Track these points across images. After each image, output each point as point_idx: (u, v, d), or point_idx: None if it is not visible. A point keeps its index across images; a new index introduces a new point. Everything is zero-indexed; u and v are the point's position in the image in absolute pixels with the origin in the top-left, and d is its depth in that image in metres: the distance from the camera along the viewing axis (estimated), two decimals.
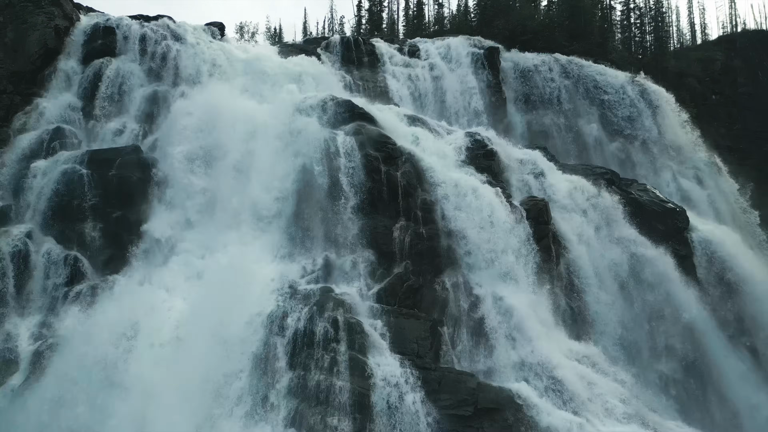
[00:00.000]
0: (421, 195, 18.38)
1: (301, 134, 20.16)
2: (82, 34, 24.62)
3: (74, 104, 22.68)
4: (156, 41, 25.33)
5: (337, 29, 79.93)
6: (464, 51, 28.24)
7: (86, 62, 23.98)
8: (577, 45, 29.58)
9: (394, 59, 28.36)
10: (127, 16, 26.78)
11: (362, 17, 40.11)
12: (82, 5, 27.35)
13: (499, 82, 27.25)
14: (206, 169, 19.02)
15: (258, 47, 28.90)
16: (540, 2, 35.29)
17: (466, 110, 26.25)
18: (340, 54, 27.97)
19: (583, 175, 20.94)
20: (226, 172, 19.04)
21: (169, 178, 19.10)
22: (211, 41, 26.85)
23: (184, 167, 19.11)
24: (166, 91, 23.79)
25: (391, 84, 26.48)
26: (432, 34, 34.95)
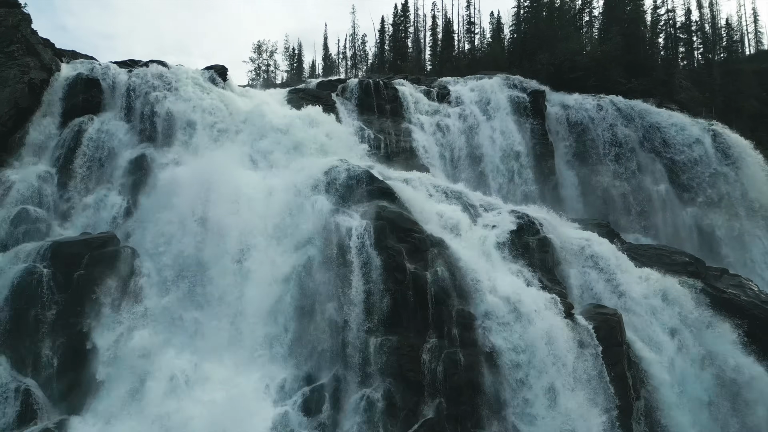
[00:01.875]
0: (458, 305, 14.94)
1: (307, 217, 17.10)
2: (62, 87, 22.10)
3: (48, 174, 20.12)
4: (146, 92, 22.63)
5: (358, 48, 77.35)
6: (503, 95, 24.75)
7: (65, 121, 21.44)
8: (636, 82, 25.71)
9: (421, 105, 25.04)
10: (116, 63, 24.18)
11: (385, 43, 36.81)
12: (65, 51, 24.81)
13: (545, 131, 23.66)
14: (194, 275, 15.91)
15: (263, 94, 25.86)
16: (588, 30, 31.28)
17: (507, 168, 22.76)
18: (358, 100, 24.84)
19: (658, 264, 17.21)
20: (218, 276, 15.96)
21: (149, 281, 16.03)
22: (210, 90, 23.86)
23: (168, 270, 16.05)
24: (156, 154, 20.97)
25: (417, 137, 23.15)
26: (463, 67, 31.43)
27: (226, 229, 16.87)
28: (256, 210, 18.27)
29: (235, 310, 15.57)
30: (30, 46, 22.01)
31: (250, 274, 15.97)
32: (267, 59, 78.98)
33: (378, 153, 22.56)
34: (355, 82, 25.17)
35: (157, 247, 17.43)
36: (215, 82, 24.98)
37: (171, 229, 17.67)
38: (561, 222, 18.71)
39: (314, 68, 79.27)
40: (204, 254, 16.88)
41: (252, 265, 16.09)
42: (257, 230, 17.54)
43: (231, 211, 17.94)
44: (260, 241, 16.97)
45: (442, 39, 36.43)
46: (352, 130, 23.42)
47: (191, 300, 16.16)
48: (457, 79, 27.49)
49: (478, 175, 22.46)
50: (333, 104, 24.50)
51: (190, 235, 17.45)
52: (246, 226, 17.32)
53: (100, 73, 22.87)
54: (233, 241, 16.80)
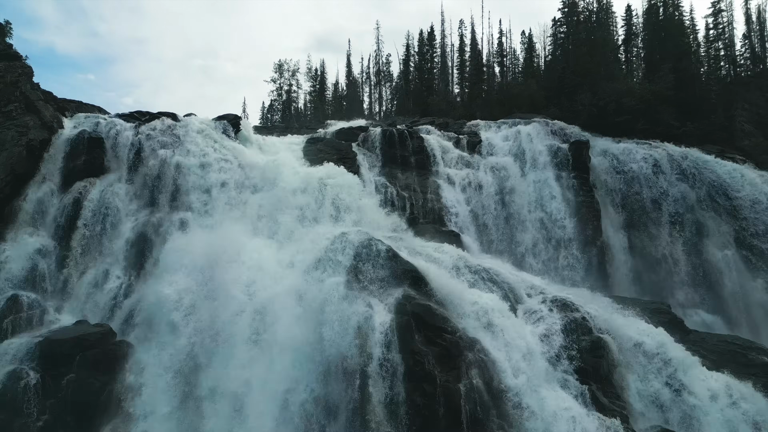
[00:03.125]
0: (497, 428, 12.80)
1: (320, 303, 15.26)
2: (63, 148, 20.87)
3: (46, 248, 18.87)
4: (152, 150, 21.15)
5: (383, 65, 75.56)
6: (541, 145, 22.56)
7: (66, 186, 20.23)
8: (691, 126, 23.14)
9: (449, 156, 23.05)
10: (124, 115, 22.88)
11: (409, 74, 34.92)
12: (69, 102, 23.62)
13: (589, 188, 21.39)
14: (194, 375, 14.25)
15: (279, 142, 24.21)
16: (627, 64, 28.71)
17: (546, 231, 20.48)
18: (381, 151, 23.00)
19: (732, 363, 14.82)
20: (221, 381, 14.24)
21: (146, 386, 14.42)
22: (222, 144, 22.31)
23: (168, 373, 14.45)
24: (160, 221, 19.49)
25: (446, 196, 21.17)
26: (495, 102, 29.24)
27: (232, 326, 15.11)
28: (267, 292, 16.54)
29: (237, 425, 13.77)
30: (30, 104, 20.87)
31: (253, 383, 14.13)
32: (289, 79, 78.23)
33: (403, 214, 20.65)
34: (378, 133, 23.29)
35: (158, 337, 15.83)
36: (228, 133, 23.48)
37: (173, 317, 16.04)
38: (613, 308, 16.41)
39: (337, 88, 78.07)
40: (207, 351, 15.20)
41: (258, 371, 14.25)
42: (267, 320, 15.76)
43: (239, 297, 16.26)
44: (269, 338, 15.16)
45: (471, 73, 34.27)
46: (374, 189, 21.55)
47: (194, 408, 14.44)
48: (489, 123, 25.38)
49: (515, 240, 20.26)
50: (353, 157, 22.70)
51: (192, 326, 15.85)
52: (254, 318, 15.56)
53: (104, 130, 21.58)
54: (240, 338, 15.03)
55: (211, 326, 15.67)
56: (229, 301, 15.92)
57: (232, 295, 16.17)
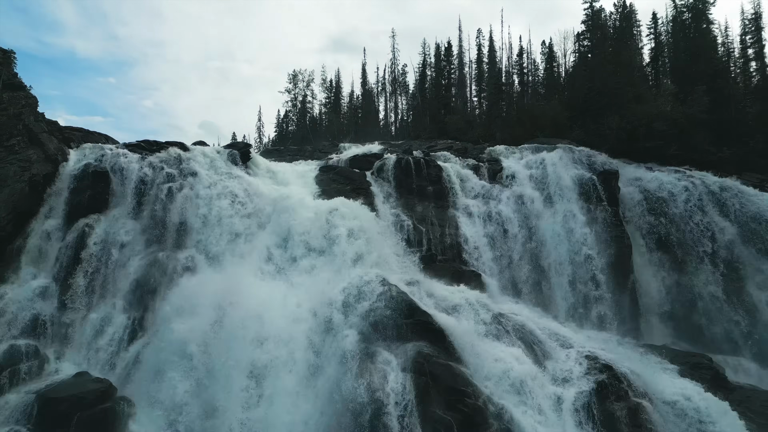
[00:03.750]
0: None
1: (330, 356, 14.33)
2: (68, 182, 20.23)
3: (48, 290, 18.21)
4: (158, 184, 20.37)
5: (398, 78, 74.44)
6: (566, 174, 21.30)
7: (70, 222, 19.55)
8: (728, 152, 21.64)
9: (469, 186, 21.91)
10: (129, 147, 22.11)
11: (426, 90, 33.80)
12: (75, 131, 22.98)
13: (619, 221, 20.11)
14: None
15: (290, 171, 23.31)
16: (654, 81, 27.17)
17: (573, 268, 19.30)
18: (396, 180, 21.97)
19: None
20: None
21: None
22: (231, 175, 21.49)
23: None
24: (167, 260, 18.77)
25: (465, 230, 20.05)
26: (515, 122, 27.96)
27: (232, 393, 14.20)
28: (277, 339, 15.65)
29: None
30: (33, 136, 20.24)
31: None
32: (303, 89, 77.63)
33: (420, 250, 19.59)
34: (393, 161, 22.24)
35: (159, 392, 14.97)
36: (237, 163, 22.66)
37: (176, 373, 15.20)
38: (648, 361, 15.16)
39: (352, 97, 77.23)
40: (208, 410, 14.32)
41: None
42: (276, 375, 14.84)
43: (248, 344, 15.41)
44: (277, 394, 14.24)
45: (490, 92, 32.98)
46: (390, 222, 20.51)
47: None
48: (511, 149, 24.16)
49: (540, 280, 19.07)
50: (367, 188, 21.70)
51: (198, 376, 15.01)
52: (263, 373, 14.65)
53: (110, 162, 20.84)
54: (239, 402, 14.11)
55: (212, 385, 14.84)
56: (232, 363, 15.04)
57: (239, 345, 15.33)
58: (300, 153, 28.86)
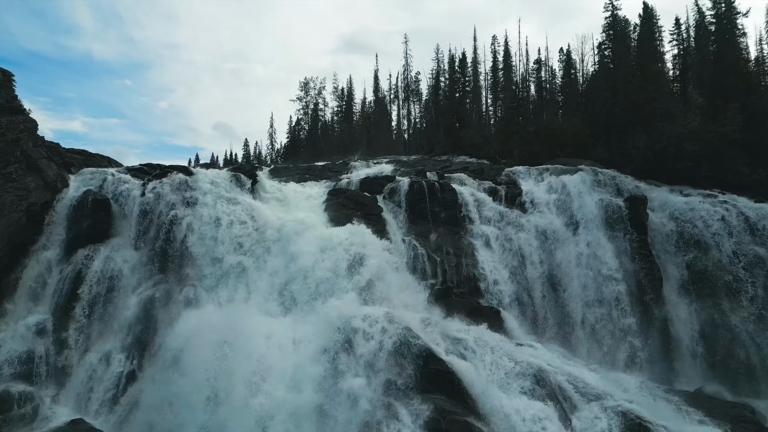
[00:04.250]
0: None
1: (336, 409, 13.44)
2: (66, 210, 19.50)
3: (45, 327, 17.53)
4: (160, 212, 19.51)
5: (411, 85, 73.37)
6: (590, 199, 20.08)
7: (69, 253, 18.84)
8: (763, 173, 20.21)
9: (486, 210, 20.80)
10: (132, 170, 21.37)
11: (439, 101, 32.67)
12: (76, 153, 22.28)
13: (649, 251, 18.93)
14: None
15: (298, 194, 22.38)
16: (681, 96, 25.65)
17: (600, 302, 18.05)
18: (408, 205, 20.92)
19: None
20: None
21: None
22: (236, 201, 20.61)
23: None
24: (170, 294, 17.98)
25: (482, 260, 18.93)
26: (534, 139, 26.68)
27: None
28: (280, 381, 14.73)
29: None
30: (31, 163, 19.55)
31: None
32: (315, 97, 76.91)
33: (434, 282, 18.50)
34: (405, 185, 21.16)
35: None
36: (243, 186, 21.79)
37: (177, 418, 14.35)
38: (684, 413, 13.91)
39: (364, 104, 76.35)
40: None
41: None
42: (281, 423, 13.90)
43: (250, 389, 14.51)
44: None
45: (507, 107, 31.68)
46: (402, 250, 19.49)
47: None
48: (530, 170, 22.95)
49: (563, 315, 17.87)
50: (379, 213, 20.66)
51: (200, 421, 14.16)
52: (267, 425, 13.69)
53: (110, 189, 20.15)
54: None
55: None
56: (235, 408, 14.12)
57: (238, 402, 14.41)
58: (310, 172, 27.91)
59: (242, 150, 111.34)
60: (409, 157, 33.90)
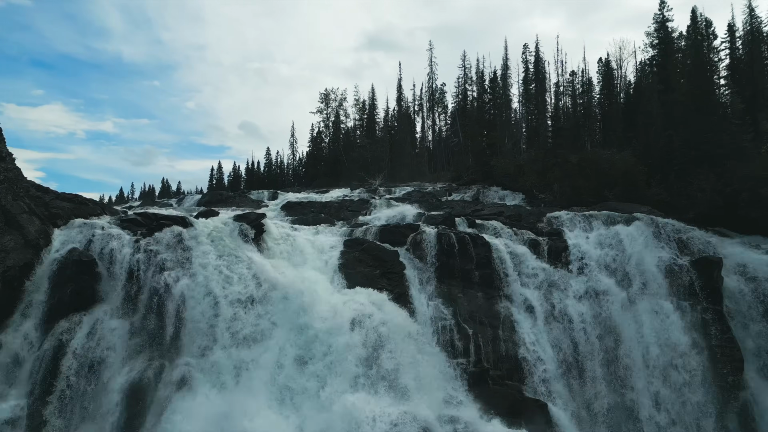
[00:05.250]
0: None
1: None
2: (48, 273, 17.34)
3: (18, 416, 15.28)
4: (153, 272, 17.40)
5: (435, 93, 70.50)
6: (651, 257, 17.17)
7: (49, 323, 16.77)
8: None
9: (525, 267, 18.03)
10: (126, 222, 19.19)
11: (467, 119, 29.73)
12: (69, 198, 20.19)
13: (726, 325, 15.79)
14: None
15: (309, 247, 19.87)
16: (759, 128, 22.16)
17: (668, 387, 15.04)
18: (436, 260, 18.16)
19: None
20: None
21: None
22: (239, 257, 18.23)
23: None
24: (159, 374, 15.71)
25: (523, 334, 16.21)
26: (575, 173, 23.56)
27: None
28: None
29: None
30: (11, 219, 17.50)
31: None
32: (335, 108, 74.58)
33: (466, 363, 15.75)
34: (431, 238, 18.46)
35: None
36: (247, 238, 19.36)
37: None
38: None
39: (387, 115, 73.75)
40: None
41: None
42: None
43: None
44: None
45: (544, 135, 28.48)
46: (427, 318, 16.82)
47: None
48: (575, 216, 19.96)
49: (623, 404, 14.92)
50: (400, 272, 18.05)
51: None
52: None
53: (98, 246, 17.95)
54: None
55: None
56: None
57: None
58: (326, 209, 25.43)
59: (264, 158, 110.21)
60: (435, 185, 31.23)
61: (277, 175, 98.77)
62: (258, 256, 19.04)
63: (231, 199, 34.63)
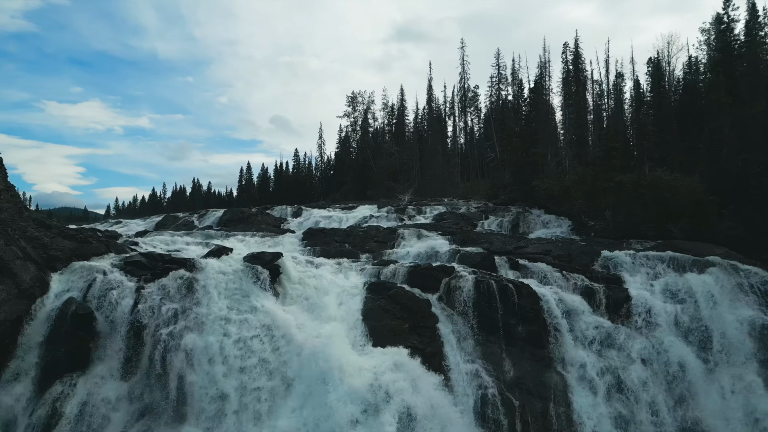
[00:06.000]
0: None
1: None
2: (42, 328, 15.56)
3: None
4: (155, 326, 15.56)
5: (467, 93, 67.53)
6: (732, 316, 14.48)
7: (43, 384, 15.19)
8: None
9: (581, 327, 15.54)
10: (130, 265, 17.47)
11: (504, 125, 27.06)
12: (70, 236, 18.55)
13: None
14: None
15: (330, 288, 17.83)
16: None
17: None
18: (475, 311, 15.77)
19: None
20: None
21: None
22: (252, 306, 16.34)
23: None
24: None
25: (578, 407, 13.73)
26: (630, 196, 20.70)
27: None
28: None
29: None
30: (3, 266, 16.05)
31: None
32: (362, 112, 72.38)
33: None
34: (468, 286, 16.10)
35: None
36: (262, 282, 17.38)
37: None
38: None
39: (417, 117, 71.20)
40: None
41: None
42: None
43: None
44: None
45: (595, 155, 25.38)
46: (465, 386, 14.46)
47: None
48: (636, 256, 17.23)
49: None
50: (433, 325, 15.78)
51: None
52: None
53: (98, 294, 16.23)
54: None
55: None
56: None
57: None
58: (349, 238, 23.26)
59: (293, 159, 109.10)
60: (469, 203, 28.69)
61: (304, 177, 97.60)
62: (273, 303, 17.05)
63: (252, 217, 32.89)
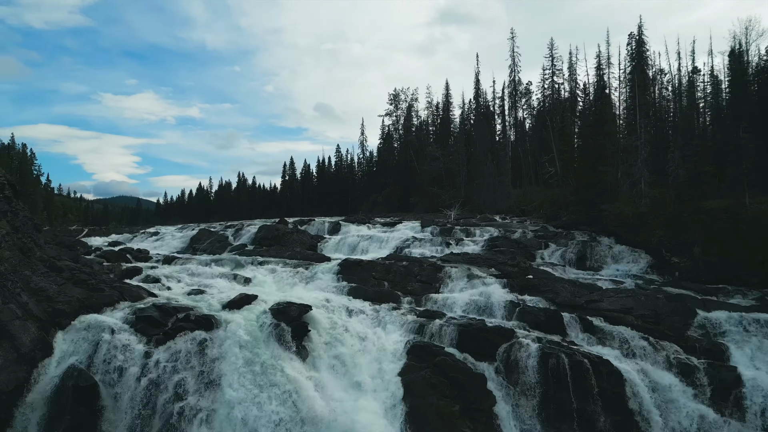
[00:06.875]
0: None
1: None
2: (42, 400, 13.81)
3: None
4: (166, 401, 13.56)
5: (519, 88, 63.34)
6: None
7: None
8: None
9: (677, 412, 12.38)
10: (140, 320, 15.45)
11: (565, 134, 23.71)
12: (81, 281, 16.78)
13: None
14: None
15: (367, 346, 15.22)
16: None
17: None
18: (541, 391, 12.97)
19: None
20: None
21: None
22: (276, 367, 14.10)
23: None
24: None
25: None
26: (723, 232, 17.11)
27: None
28: None
29: None
30: (1, 328, 14.04)
31: None
32: (405, 110, 69.28)
33: None
34: (533, 356, 13.23)
35: None
36: (286, 342, 15.04)
37: None
38: None
39: (464, 112, 67.47)
40: None
41: None
42: None
43: None
44: None
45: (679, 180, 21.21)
46: None
47: None
48: (743, 318, 13.83)
49: None
50: (489, 408, 12.99)
51: None
52: None
53: (103, 360, 14.31)
54: None
55: None
56: None
57: None
58: (389, 275, 20.64)
59: (335, 155, 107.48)
60: (525, 227, 25.42)
61: (346, 174, 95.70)
62: (299, 369, 14.66)
63: (287, 236, 30.79)
